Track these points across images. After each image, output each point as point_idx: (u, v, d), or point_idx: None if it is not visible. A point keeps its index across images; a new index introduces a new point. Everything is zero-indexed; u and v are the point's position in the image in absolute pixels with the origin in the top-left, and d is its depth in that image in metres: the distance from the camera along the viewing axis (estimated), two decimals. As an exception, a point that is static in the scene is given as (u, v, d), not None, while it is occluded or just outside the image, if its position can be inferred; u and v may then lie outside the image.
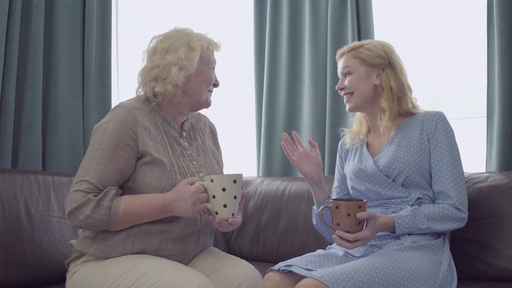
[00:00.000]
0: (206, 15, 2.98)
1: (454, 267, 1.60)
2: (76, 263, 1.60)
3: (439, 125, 1.70)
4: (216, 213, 1.49)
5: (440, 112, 1.74)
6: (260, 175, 2.73)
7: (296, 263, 1.48)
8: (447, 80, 2.41)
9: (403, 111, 1.77)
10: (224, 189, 1.46)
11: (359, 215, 1.47)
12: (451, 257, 1.63)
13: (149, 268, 1.44)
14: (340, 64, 1.82)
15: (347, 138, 1.89)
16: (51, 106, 2.25)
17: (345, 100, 1.81)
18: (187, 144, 1.67)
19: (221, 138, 1.89)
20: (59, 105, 2.26)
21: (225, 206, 1.47)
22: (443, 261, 1.56)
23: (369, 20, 2.43)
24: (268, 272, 1.52)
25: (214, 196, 1.47)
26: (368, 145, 1.83)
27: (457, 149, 1.70)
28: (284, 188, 2.41)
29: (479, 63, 2.25)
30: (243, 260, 1.66)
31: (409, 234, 1.60)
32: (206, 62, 1.65)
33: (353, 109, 1.80)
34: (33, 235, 1.86)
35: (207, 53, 1.64)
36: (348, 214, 1.48)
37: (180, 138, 1.68)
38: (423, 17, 2.47)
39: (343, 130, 1.94)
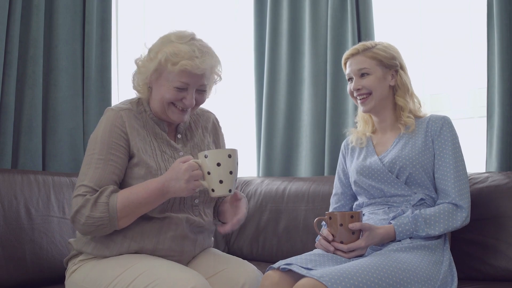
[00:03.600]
0: (206, 15, 2.98)
1: (455, 268, 1.61)
2: (74, 261, 1.60)
3: (444, 127, 1.72)
4: (213, 190, 1.44)
5: (446, 116, 1.76)
6: (260, 175, 2.72)
7: (296, 262, 1.47)
8: (447, 80, 2.41)
9: (411, 110, 1.79)
10: (219, 164, 1.42)
11: (351, 225, 1.51)
12: (451, 257, 1.63)
13: (146, 268, 1.44)
14: (354, 64, 1.78)
15: (353, 138, 1.89)
16: (51, 106, 2.25)
17: (360, 102, 1.79)
18: (180, 146, 1.66)
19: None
20: (59, 105, 2.26)
21: (221, 182, 1.43)
22: (443, 262, 1.57)
23: (369, 20, 2.43)
24: (268, 270, 1.51)
25: (209, 173, 1.43)
26: (373, 145, 1.83)
27: (461, 152, 1.72)
28: (284, 188, 2.41)
29: (479, 63, 2.25)
30: (245, 261, 1.65)
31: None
32: (166, 78, 1.54)
33: (371, 110, 1.79)
34: (33, 235, 1.86)
35: (169, 69, 1.52)
36: (341, 225, 1.52)
37: (174, 140, 1.66)
38: (423, 17, 2.47)
39: (348, 131, 1.94)
